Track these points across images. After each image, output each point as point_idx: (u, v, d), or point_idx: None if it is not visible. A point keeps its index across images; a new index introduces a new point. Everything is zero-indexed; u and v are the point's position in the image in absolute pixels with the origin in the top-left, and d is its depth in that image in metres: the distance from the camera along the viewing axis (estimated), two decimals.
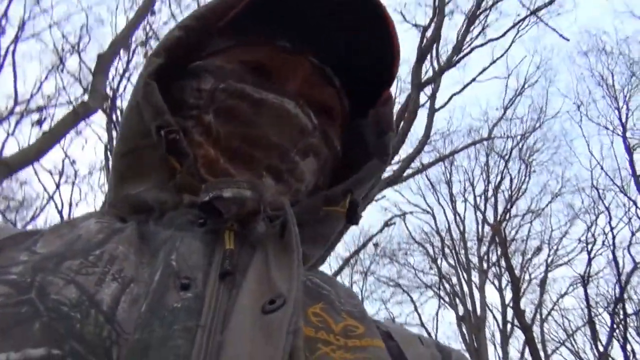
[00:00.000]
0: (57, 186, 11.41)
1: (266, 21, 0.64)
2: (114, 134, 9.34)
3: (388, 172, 8.14)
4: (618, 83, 13.69)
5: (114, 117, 8.53)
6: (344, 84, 0.67)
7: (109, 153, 10.02)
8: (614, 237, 13.20)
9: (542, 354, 13.22)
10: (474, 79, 11.17)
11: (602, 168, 13.58)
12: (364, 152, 0.67)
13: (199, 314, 0.43)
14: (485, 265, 14.60)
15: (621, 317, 12.72)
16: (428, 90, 8.78)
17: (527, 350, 12.09)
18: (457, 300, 14.86)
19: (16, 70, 9.39)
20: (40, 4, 9.38)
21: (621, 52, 13.61)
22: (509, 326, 14.07)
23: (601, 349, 12.48)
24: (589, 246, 13.90)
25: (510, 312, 13.75)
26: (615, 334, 12.48)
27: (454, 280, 15.32)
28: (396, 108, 10.59)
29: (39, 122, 8.71)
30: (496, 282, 15.15)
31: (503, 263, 13.82)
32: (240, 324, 0.43)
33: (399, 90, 12.27)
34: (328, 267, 12.26)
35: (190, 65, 0.64)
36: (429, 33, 7.79)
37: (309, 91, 0.63)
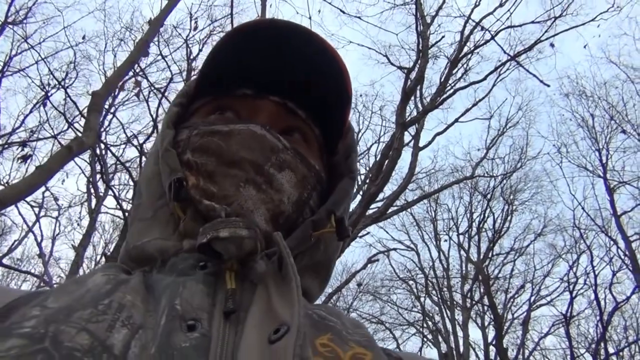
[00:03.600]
0: (37, 218, 11.26)
1: (227, 77, 0.70)
2: (98, 167, 9.30)
3: (373, 209, 8.18)
4: (599, 125, 14.06)
5: (97, 151, 8.51)
6: (309, 115, 0.72)
7: (91, 187, 9.95)
8: (595, 277, 13.32)
9: None
10: (456, 120, 11.38)
11: (583, 208, 13.80)
12: (337, 177, 0.73)
13: (207, 351, 0.46)
14: (468, 303, 14.56)
15: (602, 357, 12.70)
16: (412, 130, 8.92)
17: None
18: (440, 338, 14.74)
19: (0, 104, 9.39)
20: (28, 40, 9.43)
21: (600, 96, 14.02)
22: None
23: None
24: (571, 286, 13.99)
25: (492, 351, 13.66)
26: None
27: (437, 317, 15.26)
28: (381, 147, 10.72)
29: (24, 159, 8.64)
30: (479, 320, 15.11)
31: (486, 301, 13.80)
32: (248, 357, 0.45)
33: (384, 129, 12.49)
34: None
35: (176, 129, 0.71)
36: (413, 75, 7.96)
37: (275, 122, 0.68)
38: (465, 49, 9.89)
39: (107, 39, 11.19)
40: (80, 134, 4.27)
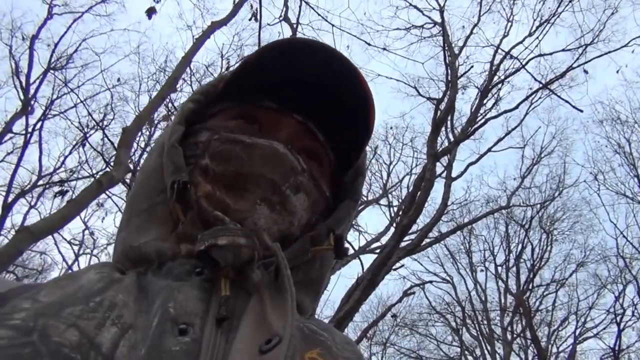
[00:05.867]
0: (76, 256, 11.51)
1: (255, 87, 0.70)
2: None
3: (406, 241, 8.07)
4: (636, 151, 13.66)
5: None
6: (327, 138, 0.72)
7: None
8: None
9: None
10: (489, 149, 11.26)
11: (625, 237, 13.31)
12: (342, 197, 0.73)
13: (197, 357, 0.45)
14: (509, 336, 14.08)
15: None
16: (445, 161, 8.84)
17: None
18: None
19: (42, 146, 9.76)
20: (68, 84, 9.84)
21: (636, 121, 13.66)
22: None
23: None
24: (619, 317, 13.39)
25: None
26: None
27: (478, 352, 14.78)
28: (413, 179, 10.65)
29: (62, 194, 8.91)
30: (522, 355, 14.56)
31: (528, 334, 13.33)
32: None
33: (416, 161, 12.42)
34: None
35: (192, 127, 0.70)
36: (442, 105, 7.94)
37: (295, 141, 0.68)
38: (496, 79, 9.85)
39: (141, 80, 11.55)
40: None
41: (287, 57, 0.68)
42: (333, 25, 7.37)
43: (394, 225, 8.83)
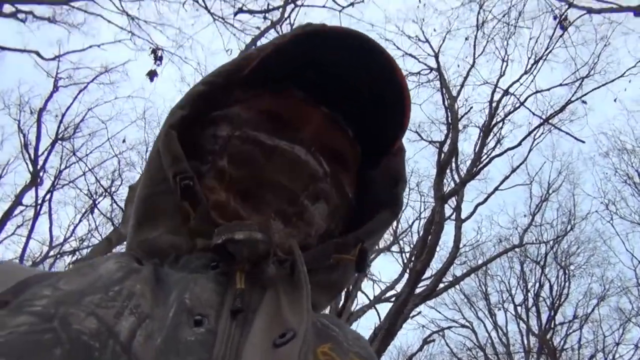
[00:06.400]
0: None
1: (283, 73, 0.68)
2: None
3: (421, 287, 7.96)
4: None
5: None
6: (357, 132, 0.70)
7: None
8: None
9: None
10: (496, 189, 11.23)
11: None
12: (374, 201, 0.70)
13: (211, 347, 0.45)
14: None
15: None
16: (453, 203, 8.83)
17: None
18: None
19: (52, 217, 9.85)
20: (75, 154, 10.03)
21: None
22: None
23: None
24: None
25: None
26: None
27: None
28: (422, 223, 10.60)
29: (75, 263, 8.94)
30: None
31: None
32: (252, 357, 0.44)
33: (424, 205, 12.39)
34: None
35: (212, 114, 0.67)
36: (445, 148, 8.01)
37: (321, 139, 0.66)
38: (496, 118, 9.96)
39: (148, 145, 11.74)
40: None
41: (315, 41, 0.65)
42: None
43: (408, 271, 8.73)
